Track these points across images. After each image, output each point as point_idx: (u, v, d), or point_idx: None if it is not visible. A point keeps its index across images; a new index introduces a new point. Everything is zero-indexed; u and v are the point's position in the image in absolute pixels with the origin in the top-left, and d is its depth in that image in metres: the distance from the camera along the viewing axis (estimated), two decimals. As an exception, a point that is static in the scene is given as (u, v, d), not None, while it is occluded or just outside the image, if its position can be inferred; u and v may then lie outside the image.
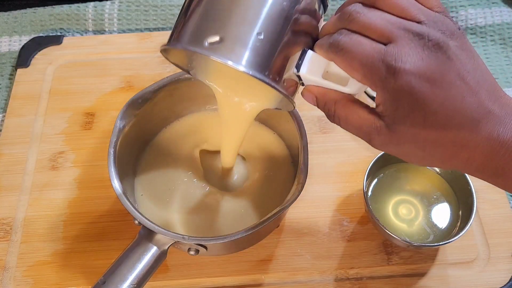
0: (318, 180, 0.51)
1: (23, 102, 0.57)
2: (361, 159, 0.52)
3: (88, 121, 0.55)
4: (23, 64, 0.60)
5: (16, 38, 0.63)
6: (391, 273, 0.46)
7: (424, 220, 0.45)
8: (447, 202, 0.46)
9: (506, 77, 0.59)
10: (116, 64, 0.60)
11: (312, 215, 0.49)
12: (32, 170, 0.52)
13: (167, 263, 0.47)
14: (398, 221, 0.46)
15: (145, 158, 0.49)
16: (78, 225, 0.49)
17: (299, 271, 0.46)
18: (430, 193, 0.47)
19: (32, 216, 0.49)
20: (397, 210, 0.46)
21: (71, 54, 0.61)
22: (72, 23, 0.64)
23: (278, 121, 0.49)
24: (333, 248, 0.47)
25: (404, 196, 0.47)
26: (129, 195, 0.42)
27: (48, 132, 0.55)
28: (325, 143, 0.53)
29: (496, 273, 0.46)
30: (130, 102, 0.45)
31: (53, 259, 0.47)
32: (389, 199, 0.47)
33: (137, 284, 0.37)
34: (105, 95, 0.57)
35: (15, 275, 0.46)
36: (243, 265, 0.47)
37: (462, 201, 0.45)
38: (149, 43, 0.61)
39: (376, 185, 0.47)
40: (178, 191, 0.47)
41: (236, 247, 0.46)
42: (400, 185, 0.47)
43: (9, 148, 0.54)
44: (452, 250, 0.47)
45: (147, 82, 0.47)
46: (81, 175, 0.52)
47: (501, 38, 0.62)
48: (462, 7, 0.63)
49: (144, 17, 0.64)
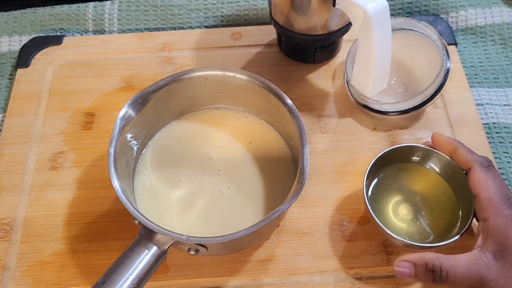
0: (318, 180, 0.51)
1: (23, 102, 0.57)
2: (361, 159, 0.52)
3: (88, 121, 0.55)
4: (23, 64, 0.60)
5: (16, 38, 0.63)
6: (391, 273, 0.46)
7: (424, 220, 0.45)
8: (447, 202, 0.46)
9: (506, 77, 0.59)
10: (116, 64, 0.60)
11: (312, 215, 0.49)
12: (32, 170, 0.52)
13: (167, 263, 0.47)
14: (398, 221, 0.46)
15: (145, 158, 0.49)
16: (78, 225, 0.49)
17: (299, 271, 0.46)
18: (430, 193, 0.47)
19: (32, 216, 0.49)
20: (397, 210, 0.46)
21: (71, 54, 0.61)
22: (72, 23, 0.64)
23: (279, 121, 0.49)
24: (333, 248, 0.47)
25: (404, 196, 0.47)
26: (129, 195, 0.42)
27: (48, 132, 0.55)
28: (325, 143, 0.53)
29: (496, 273, 0.46)
30: (130, 102, 0.45)
31: (53, 259, 0.47)
32: (389, 199, 0.47)
33: (137, 284, 0.37)
34: (105, 95, 0.57)
35: (15, 275, 0.46)
36: (243, 265, 0.47)
37: (462, 201, 0.45)
38: (149, 43, 0.61)
39: (376, 185, 0.47)
40: (178, 190, 0.47)
41: (236, 247, 0.46)
42: (400, 185, 0.47)
43: (9, 148, 0.54)
44: (452, 250, 0.47)
45: (147, 82, 0.47)
46: (81, 175, 0.52)
47: (501, 38, 0.62)
48: (462, 7, 0.63)
49: (144, 17, 0.64)
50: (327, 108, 0.56)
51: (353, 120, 0.55)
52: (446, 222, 0.45)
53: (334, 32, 0.54)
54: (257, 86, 0.46)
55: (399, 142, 0.53)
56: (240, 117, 0.51)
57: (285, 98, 0.45)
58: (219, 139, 0.50)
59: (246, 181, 0.48)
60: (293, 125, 0.44)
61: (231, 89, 0.48)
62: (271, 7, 0.54)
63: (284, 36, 0.56)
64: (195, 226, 0.45)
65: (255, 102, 0.49)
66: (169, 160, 0.49)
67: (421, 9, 0.64)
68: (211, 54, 0.60)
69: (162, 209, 0.46)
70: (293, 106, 0.45)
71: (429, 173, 0.48)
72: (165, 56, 0.60)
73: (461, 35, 0.62)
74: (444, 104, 0.56)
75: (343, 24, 0.53)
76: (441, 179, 0.47)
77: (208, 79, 0.48)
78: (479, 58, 0.60)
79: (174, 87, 0.47)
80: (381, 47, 0.47)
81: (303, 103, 0.56)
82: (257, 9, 0.64)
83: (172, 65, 0.60)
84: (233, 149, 0.49)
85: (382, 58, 0.48)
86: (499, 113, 0.56)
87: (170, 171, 0.48)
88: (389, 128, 0.54)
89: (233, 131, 0.51)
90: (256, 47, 0.61)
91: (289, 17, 0.53)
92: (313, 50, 0.56)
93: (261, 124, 0.51)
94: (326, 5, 0.49)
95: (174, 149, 0.50)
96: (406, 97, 0.53)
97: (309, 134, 0.44)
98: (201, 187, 0.47)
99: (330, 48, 0.57)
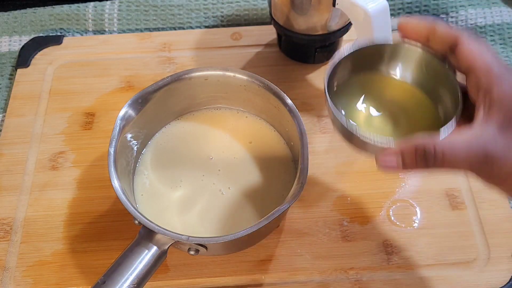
0: (318, 180, 0.51)
1: (23, 102, 0.57)
2: (361, 159, 0.52)
3: (88, 121, 0.55)
4: (23, 64, 0.60)
5: (16, 38, 0.63)
6: (391, 273, 0.46)
7: (403, 130, 0.38)
8: (424, 110, 0.39)
9: (506, 77, 0.59)
10: (116, 64, 0.60)
11: (312, 215, 0.49)
12: (32, 170, 0.52)
13: (167, 263, 0.47)
14: (372, 130, 0.38)
15: (145, 158, 0.49)
16: (78, 225, 0.49)
17: (299, 271, 0.46)
18: (403, 104, 0.40)
19: (32, 216, 0.49)
20: (370, 120, 0.39)
21: (71, 54, 0.61)
22: (72, 23, 0.64)
23: (279, 121, 0.49)
24: (333, 248, 0.47)
25: (377, 110, 0.40)
26: (129, 195, 0.42)
27: (48, 132, 0.55)
28: (325, 143, 0.53)
29: (496, 273, 0.46)
30: (130, 102, 0.45)
31: (53, 259, 0.47)
32: (358, 114, 0.39)
33: (137, 284, 0.37)
34: (105, 95, 0.57)
35: (15, 275, 0.46)
36: (243, 265, 0.47)
37: (442, 101, 0.38)
38: (149, 43, 0.61)
39: (341, 89, 0.39)
40: (178, 190, 0.47)
41: (236, 247, 0.46)
42: (370, 99, 0.40)
43: (9, 148, 0.54)
44: (452, 250, 0.47)
45: (147, 82, 0.47)
46: (81, 175, 0.52)
47: (501, 38, 0.62)
48: (462, 7, 0.63)
49: (144, 17, 0.64)
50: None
51: (353, 120, 0.55)
52: (428, 127, 0.38)
53: (334, 32, 0.54)
54: (257, 86, 0.46)
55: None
56: (240, 117, 0.52)
57: (285, 98, 0.45)
58: (219, 139, 0.50)
59: (246, 181, 0.48)
60: (293, 125, 0.44)
61: (231, 89, 0.48)
62: (271, 7, 0.54)
63: (284, 36, 0.56)
64: (195, 226, 0.45)
65: (255, 102, 0.49)
66: (169, 160, 0.49)
67: (421, 9, 0.64)
68: (211, 54, 0.60)
69: (162, 209, 0.46)
70: (293, 106, 0.45)
71: (398, 83, 0.41)
72: (165, 56, 0.60)
73: (461, 35, 0.62)
74: (444, 104, 0.56)
75: (343, 24, 0.53)
76: (413, 88, 0.40)
77: (208, 79, 0.48)
78: (479, 58, 0.60)
79: (174, 87, 0.47)
80: (381, 47, 0.47)
81: (303, 103, 0.56)
82: (257, 9, 0.64)
83: (172, 65, 0.60)
84: (233, 149, 0.49)
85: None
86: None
87: (170, 171, 0.48)
88: (389, 128, 0.54)
89: (233, 131, 0.51)
90: (256, 47, 0.61)
91: (289, 17, 0.53)
92: (313, 50, 0.56)
93: (261, 124, 0.51)
94: (326, 5, 0.49)
95: (174, 149, 0.50)
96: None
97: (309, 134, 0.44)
98: (201, 187, 0.47)
99: (330, 48, 0.57)
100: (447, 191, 0.50)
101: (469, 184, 0.50)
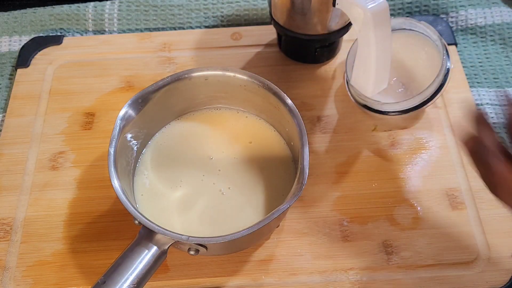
0: (318, 180, 0.51)
1: (23, 102, 0.57)
2: (361, 159, 0.52)
3: (88, 121, 0.55)
4: (23, 64, 0.60)
5: (16, 38, 0.63)
6: (391, 273, 0.46)
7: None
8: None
9: (506, 77, 0.59)
10: (116, 64, 0.60)
11: (312, 215, 0.49)
12: (32, 170, 0.52)
13: (167, 263, 0.47)
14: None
15: (145, 158, 0.49)
16: (78, 225, 0.49)
17: (299, 271, 0.46)
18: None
19: (32, 216, 0.49)
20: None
21: (71, 54, 0.61)
22: (72, 23, 0.64)
23: (279, 121, 0.49)
24: (333, 248, 0.47)
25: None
26: (129, 195, 0.42)
27: (48, 132, 0.55)
28: (325, 143, 0.53)
29: (496, 273, 0.46)
30: (130, 102, 0.45)
31: (53, 259, 0.47)
32: None
33: (137, 284, 0.37)
34: (105, 95, 0.57)
35: (15, 275, 0.46)
36: (243, 265, 0.47)
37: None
38: (149, 43, 0.61)
39: None
40: (178, 190, 0.47)
41: (236, 247, 0.46)
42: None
43: (9, 148, 0.54)
44: (452, 250, 0.47)
45: (147, 82, 0.47)
46: (81, 175, 0.52)
47: (501, 38, 0.62)
48: (462, 7, 0.63)
49: (144, 17, 0.64)
50: (327, 108, 0.56)
51: (353, 120, 0.55)
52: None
53: (334, 32, 0.54)
54: (257, 86, 0.46)
55: (399, 142, 0.53)
56: (240, 117, 0.52)
57: (285, 98, 0.45)
58: (219, 139, 0.50)
59: (246, 181, 0.48)
60: (293, 125, 0.44)
61: (231, 89, 0.48)
62: (271, 7, 0.54)
63: (284, 36, 0.56)
64: (195, 226, 0.45)
65: (255, 102, 0.49)
66: (169, 160, 0.49)
67: (421, 9, 0.64)
68: (211, 54, 0.60)
69: (162, 209, 0.46)
70: (293, 106, 0.45)
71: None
72: (165, 56, 0.60)
73: (461, 35, 0.62)
74: (444, 104, 0.56)
75: (343, 24, 0.53)
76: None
77: (208, 79, 0.48)
78: (479, 58, 0.60)
79: (174, 87, 0.47)
80: (381, 47, 0.47)
81: (303, 103, 0.56)
82: (257, 9, 0.64)
83: (172, 65, 0.60)
84: (233, 149, 0.49)
85: (382, 58, 0.48)
86: (499, 113, 0.56)
87: (170, 171, 0.48)
88: (389, 128, 0.54)
89: (233, 131, 0.51)
90: (256, 47, 0.61)
91: (289, 17, 0.53)
92: (313, 50, 0.56)
93: (261, 124, 0.51)
94: (326, 5, 0.49)
95: (174, 149, 0.50)
96: (406, 97, 0.53)
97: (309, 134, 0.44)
98: (201, 187, 0.47)
99: (330, 48, 0.57)
100: (447, 191, 0.50)
101: (469, 184, 0.50)
